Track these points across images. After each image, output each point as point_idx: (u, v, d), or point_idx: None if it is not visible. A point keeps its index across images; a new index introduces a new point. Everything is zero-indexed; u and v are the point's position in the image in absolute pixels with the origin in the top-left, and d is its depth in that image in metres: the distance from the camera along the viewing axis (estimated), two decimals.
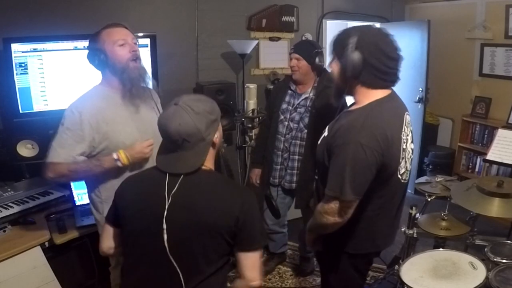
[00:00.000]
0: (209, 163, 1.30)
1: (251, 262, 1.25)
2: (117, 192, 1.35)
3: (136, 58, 1.72)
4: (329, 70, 1.59)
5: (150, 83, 1.85)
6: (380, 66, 1.39)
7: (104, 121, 1.66)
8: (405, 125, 1.49)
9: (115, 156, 1.67)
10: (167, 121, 1.20)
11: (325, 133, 1.55)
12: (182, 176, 1.22)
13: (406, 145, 1.48)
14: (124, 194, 1.31)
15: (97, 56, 1.67)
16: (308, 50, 2.45)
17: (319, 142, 1.59)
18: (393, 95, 1.51)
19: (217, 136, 1.29)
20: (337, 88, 1.54)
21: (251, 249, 1.25)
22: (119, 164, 1.68)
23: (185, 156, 1.23)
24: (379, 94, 1.45)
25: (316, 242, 1.67)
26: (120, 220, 1.32)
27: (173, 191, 1.20)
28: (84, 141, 1.64)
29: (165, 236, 1.18)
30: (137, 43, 1.77)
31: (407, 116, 1.53)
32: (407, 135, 1.49)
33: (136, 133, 1.74)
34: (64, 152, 1.62)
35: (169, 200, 1.19)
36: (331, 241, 1.62)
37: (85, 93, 1.73)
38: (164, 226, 1.18)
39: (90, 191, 1.82)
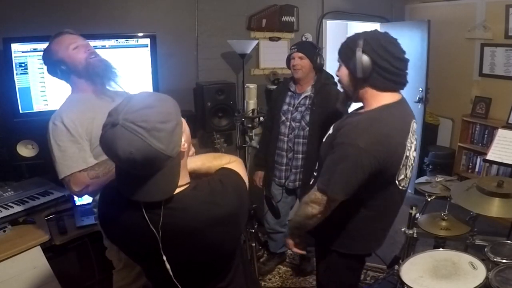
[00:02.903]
0: (184, 178, 1.05)
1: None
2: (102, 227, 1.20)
3: (94, 55, 1.70)
4: (336, 78, 1.60)
5: (118, 75, 1.77)
6: (388, 67, 1.39)
7: (87, 121, 1.63)
8: (411, 132, 1.49)
9: None
10: (113, 149, 0.89)
11: (330, 131, 1.56)
12: (162, 204, 0.99)
13: (409, 153, 1.48)
14: (108, 234, 1.17)
15: (58, 68, 1.66)
16: (311, 49, 2.49)
17: (324, 140, 1.60)
18: (403, 101, 1.50)
19: (184, 141, 1.00)
20: (346, 93, 1.54)
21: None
22: None
23: (155, 180, 0.96)
24: (388, 98, 1.44)
25: (300, 242, 1.69)
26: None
27: (160, 224, 0.99)
28: (82, 144, 1.61)
29: (168, 266, 1.04)
30: (88, 42, 1.74)
31: (414, 124, 1.52)
32: (412, 143, 1.49)
33: None
34: (73, 161, 1.58)
35: (160, 233, 1.00)
36: (324, 240, 1.64)
37: (60, 106, 1.69)
38: (164, 258, 1.03)
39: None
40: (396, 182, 1.48)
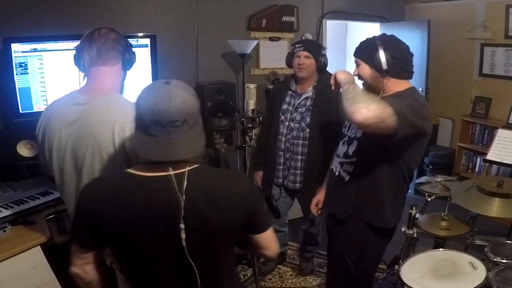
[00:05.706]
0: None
1: (268, 239, 1.26)
2: (91, 211, 1.10)
3: None
4: (356, 77, 1.73)
5: None
6: (404, 59, 1.69)
7: None
8: None
9: None
10: (165, 99, 1.03)
11: None
12: (186, 170, 1.07)
13: None
14: (104, 210, 1.09)
15: (129, 52, 1.62)
16: (317, 49, 2.48)
17: None
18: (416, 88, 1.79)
19: None
20: (371, 89, 1.68)
21: (266, 228, 1.24)
22: None
23: (186, 139, 1.07)
24: (406, 84, 1.71)
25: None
26: (105, 238, 1.14)
27: (184, 187, 1.05)
28: None
29: (183, 236, 1.07)
30: None
31: None
32: None
33: None
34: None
35: (183, 197, 1.05)
36: (376, 218, 1.76)
37: (122, 99, 1.54)
38: (182, 226, 1.06)
39: None
40: None
